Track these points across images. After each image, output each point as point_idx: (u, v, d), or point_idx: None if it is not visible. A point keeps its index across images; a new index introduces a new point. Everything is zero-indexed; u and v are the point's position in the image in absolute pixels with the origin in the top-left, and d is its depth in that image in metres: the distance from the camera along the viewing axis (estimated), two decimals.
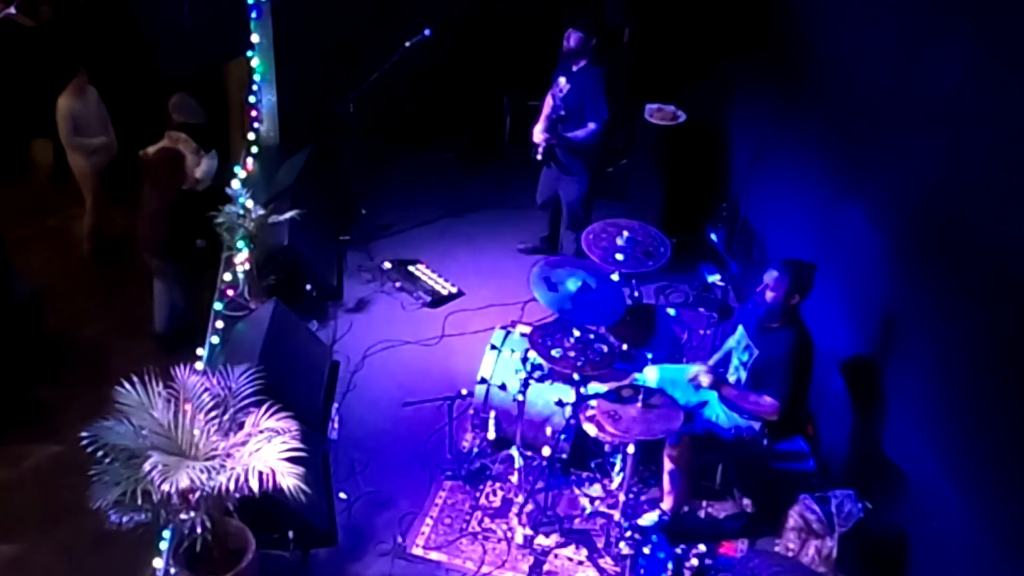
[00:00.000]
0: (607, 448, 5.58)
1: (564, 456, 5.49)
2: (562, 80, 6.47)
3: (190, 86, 7.41)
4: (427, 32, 7.00)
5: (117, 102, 7.49)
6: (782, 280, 4.78)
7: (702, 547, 5.15)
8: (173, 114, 7.10)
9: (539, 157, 6.64)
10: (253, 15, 7.32)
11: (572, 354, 5.13)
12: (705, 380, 4.98)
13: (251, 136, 7.29)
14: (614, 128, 6.64)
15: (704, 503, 5.44)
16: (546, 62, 6.79)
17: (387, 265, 7.33)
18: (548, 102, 6.58)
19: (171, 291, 6.69)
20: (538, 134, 6.53)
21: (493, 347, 5.75)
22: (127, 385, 4.39)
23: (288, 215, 6.40)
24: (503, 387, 5.58)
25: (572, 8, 7.53)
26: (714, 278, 7.20)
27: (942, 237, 4.56)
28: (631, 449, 5.01)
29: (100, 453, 4.23)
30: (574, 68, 6.46)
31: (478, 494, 5.58)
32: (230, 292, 6.17)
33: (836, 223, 5.56)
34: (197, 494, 4.28)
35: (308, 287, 6.69)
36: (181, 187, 6.47)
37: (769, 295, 4.83)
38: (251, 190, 6.34)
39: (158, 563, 4.69)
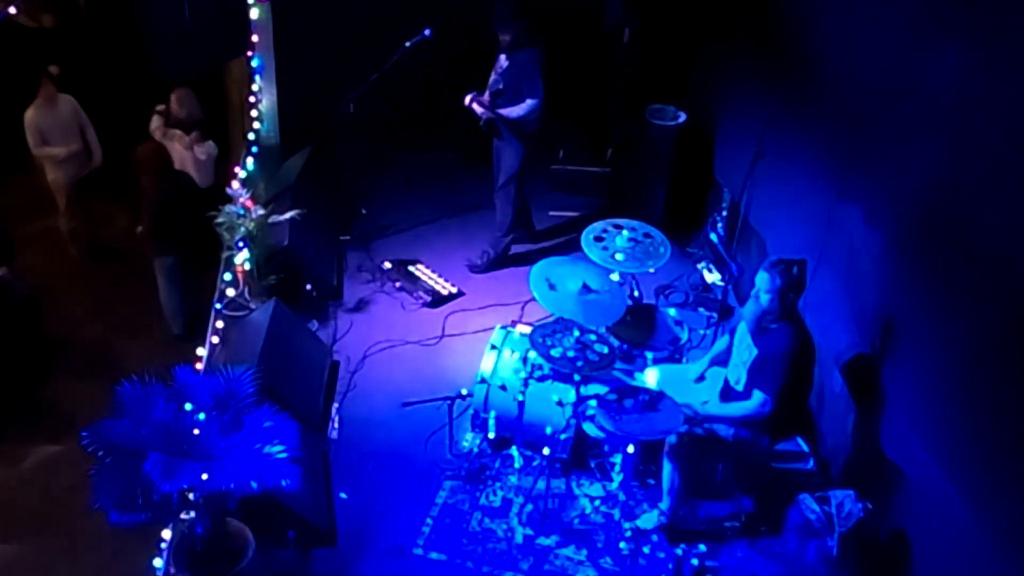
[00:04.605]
0: (607, 448, 5.58)
1: (564, 456, 5.49)
2: (502, 57, 6.85)
3: (190, 86, 7.41)
4: (427, 32, 7.02)
5: (117, 104, 7.48)
6: (772, 281, 4.78)
7: (702, 547, 5.15)
8: (175, 105, 7.12)
9: (483, 126, 6.98)
10: (253, 15, 7.31)
11: (572, 354, 5.13)
12: (650, 378, 5.18)
13: (251, 136, 7.29)
14: (551, 109, 6.94)
15: (704, 503, 5.43)
16: (545, 62, 6.80)
17: (387, 265, 7.32)
18: (492, 78, 6.92)
19: (170, 289, 6.70)
20: (468, 99, 6.86)
21: (493, 347, 5.75)
22: (127, 384, 4.40)
23: (288, 215, 6.40)
24: (503, 387, 5.58)
25: (567, 11, 7.54)
26: (714, 278, 7.20)
27: (942, 237, 4.56)
28: (631, 449, 5.01)
29: (100, 453, 4.23)
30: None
31: (478, 494, 5.59)
32: (230, 292, 6.17)
33: (836, 223, 5.56)
34: (197, 494, 4.28)
35: (308, 287, 6.68)
36: (167, 180, 6.50)
37: (764, 297, 4.83)
38: (251, 190, 6.33)
39: (158, 563, 4.69)
